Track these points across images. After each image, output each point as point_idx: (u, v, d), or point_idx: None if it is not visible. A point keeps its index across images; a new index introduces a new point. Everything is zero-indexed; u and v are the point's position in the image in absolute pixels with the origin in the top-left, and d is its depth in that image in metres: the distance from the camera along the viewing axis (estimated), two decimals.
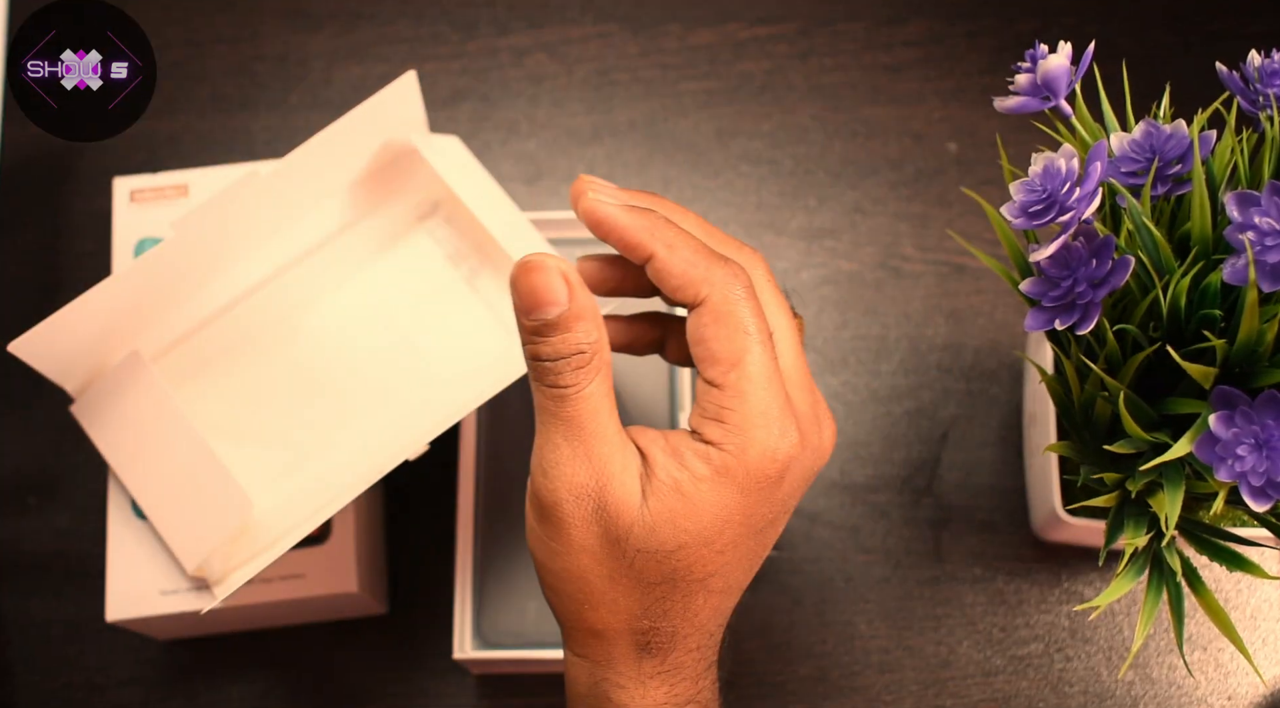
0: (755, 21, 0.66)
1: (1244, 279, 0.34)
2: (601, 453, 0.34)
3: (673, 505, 0.34)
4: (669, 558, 0.35)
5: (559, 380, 0.34)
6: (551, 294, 0.34)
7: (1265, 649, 0.55)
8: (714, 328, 0.35)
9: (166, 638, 0.54)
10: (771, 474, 0.35)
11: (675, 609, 0.36)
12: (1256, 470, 0.33)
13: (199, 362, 0.49)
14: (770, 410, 0.35)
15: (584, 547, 0.35)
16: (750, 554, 0.37)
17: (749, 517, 0.35)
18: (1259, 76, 0.38)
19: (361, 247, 0.50)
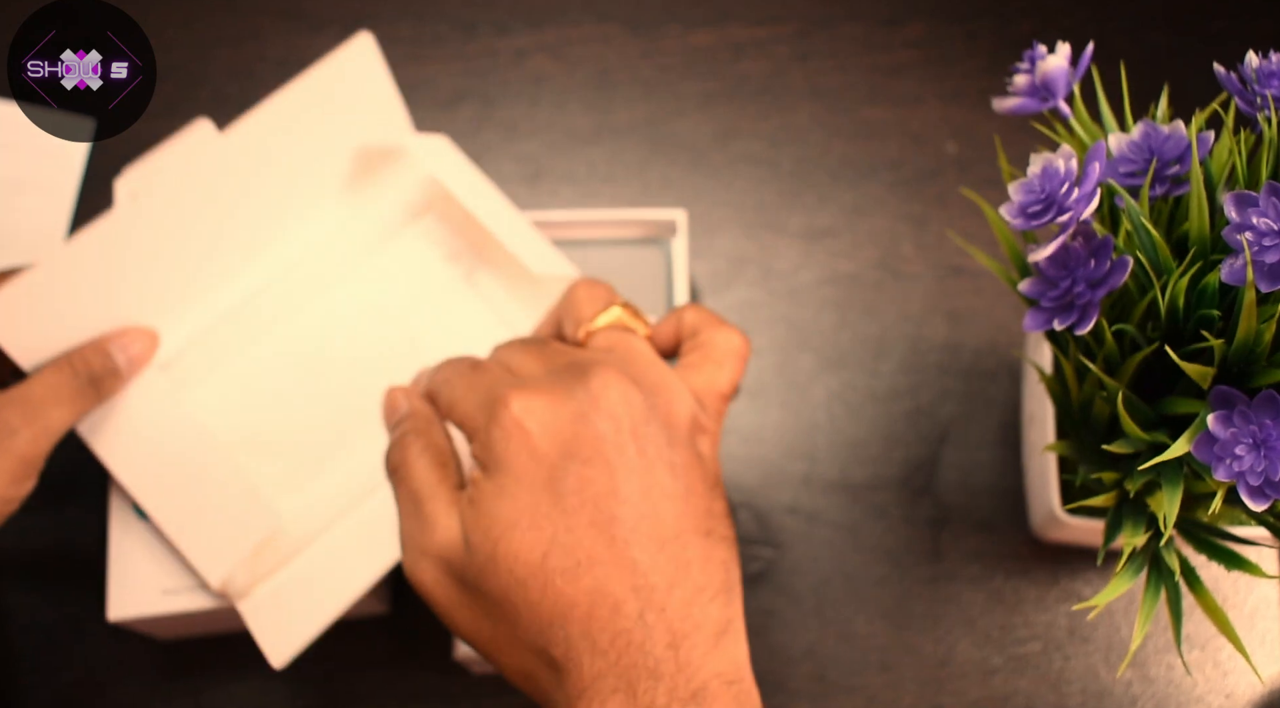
0: (755, 22, 0.66)
1: (1242, 279, 0.34)
2: (431, 515, 0.37)
3: (471, 519, 0.36)
4: (495, 565, 0.35)
5: (392, 462, 0.39)
6: (393, 407, 0.41)
7: (1263, 648, 0.55)
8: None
9: (168, 638, 0.54)
10: (497, 445, 0.36)
11: (548, 615, 0.34)
12: (1254, 470, 0.33)
13: (201, 367, 0.48)
14: (472, 397, 0.38)
15: (453, 601, 0.36)
16: (576, 522, 0.35)
17: (544, 486, 0.35)
18: (1256, 77, 0.38)
19: (355, 247, 0.50)
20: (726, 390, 0.39)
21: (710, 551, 0.35)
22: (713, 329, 0.40)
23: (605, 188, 0.63)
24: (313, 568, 0.47)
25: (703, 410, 0.38)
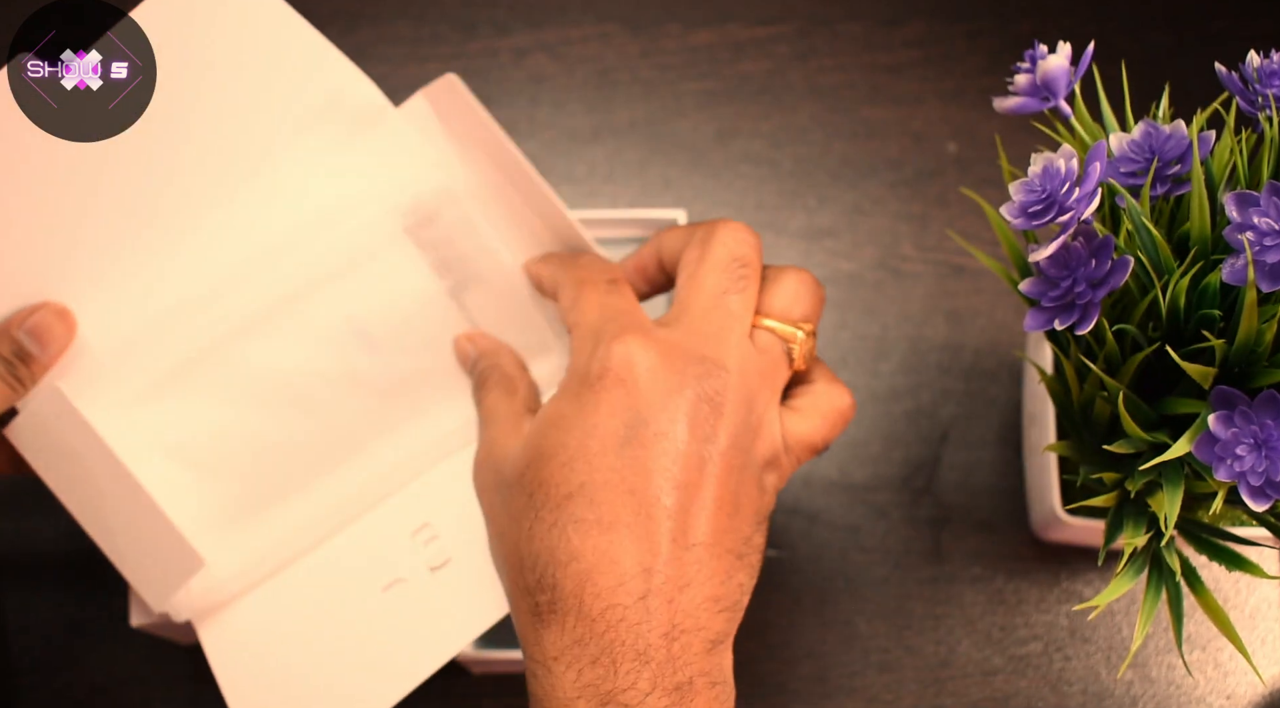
0: (755, 22, 0.66)
1: (1243, 279, 0.34)
2: (497, 430, 0.40)
3: (530, 432, 0.37)
4: (525, 479, 0.36)
5: (474, 396, 0.43)
6: (465, 355, 0.43)
7: (1264, 649, 0.55)
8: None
9: (189, 642, 0.54)
10: (595, 373, 0.36)
11: (545, 548, 0.34)
12: (1255, 470, 0.33)
13: (151, 377, 0.43)
14: (581, 323, 0.39)
15: (497, 510, 0.38)
16: (615, 472, 0.34)
17: (585, 425, 0.35)
18: (1258, 77, 0.38)
19: (326, 249, 0.44)
20: (819, 446, 0.40)
21: (735, 571, 0.35)
22: (829, 383, 0.40)
23: (605, 188, 0.63)
24: (321, 679, 0.43)
25: (786, 452, 0.39)
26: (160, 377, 0.43)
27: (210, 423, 0.43)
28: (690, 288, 0.38)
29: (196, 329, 0.43)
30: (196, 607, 0.44)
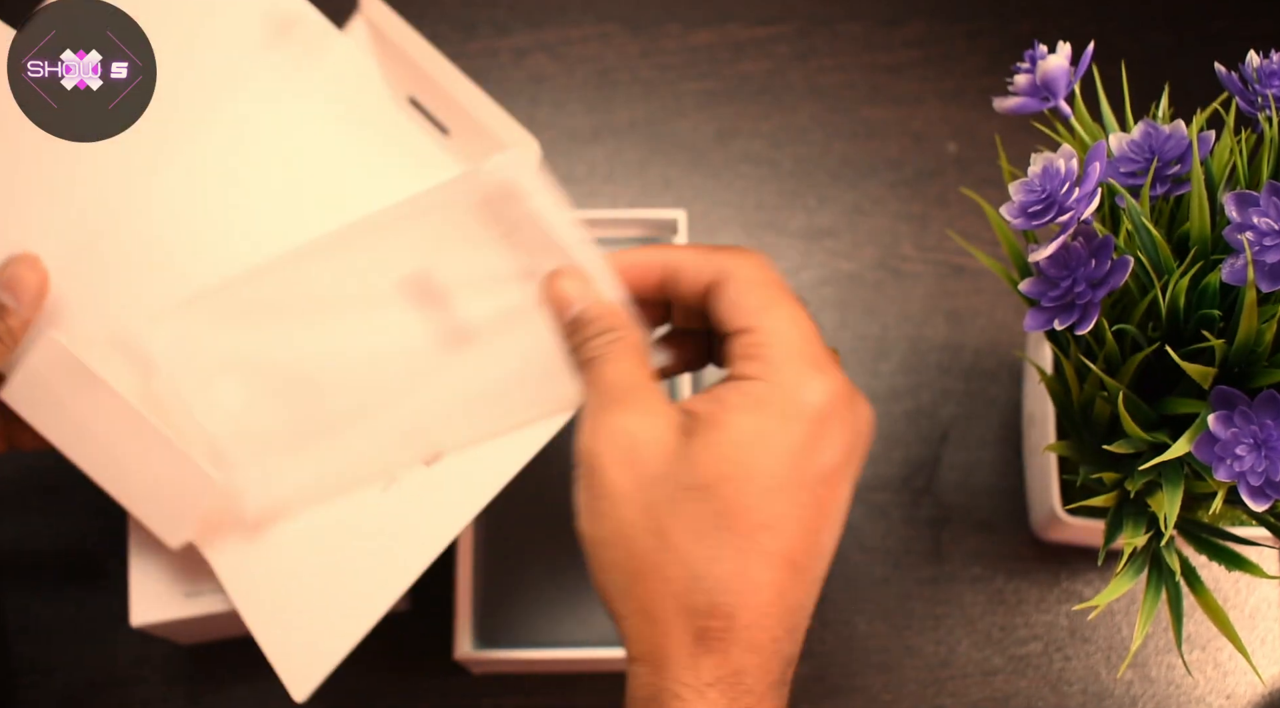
0: (755, 22, 0.66)
1: (1243, 279, 0.34)
2: (635, 405, 0.36)
3: (713, 437, 0.34)
4: (711, 494, 0.33)
5: (591, 352, 0.38)
6: (569, 295, 0.39)
7: (1264, 649, 0.55)
8: (740, 288, 0.37)
9: (189, 642, 0.54)
10: (818, 408, 0.35)
11: (730, 576, 0.33)
12: (1255, 470, 0.33)
13: (212, 301, 0.43)
14: (805, 348, 0.36)
15: (624, 495, 0.35)
16: (806, 510, 0.34)
17: (800, 456, 0.34)
18: (1257, 77, 0.38)
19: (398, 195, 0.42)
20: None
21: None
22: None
23: (605, 188, 0.63)
24: (330, 578, 0.43)
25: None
26: (219, 298, 0.43)
27: (261, 349, 0.43)
28: (794, 327, 0.36)
29: (252, 256, 0.43)
30: (209, 528, 0.43)
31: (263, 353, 0.42)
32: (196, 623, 0.49)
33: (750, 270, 0.37)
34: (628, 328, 0.38)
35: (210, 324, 0.42)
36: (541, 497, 0.52)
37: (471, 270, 0.41)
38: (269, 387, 0.43)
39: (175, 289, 0.42)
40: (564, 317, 0.39)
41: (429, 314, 0.42)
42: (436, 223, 0.41)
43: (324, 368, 0.42)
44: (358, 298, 0.42)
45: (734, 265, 0.37)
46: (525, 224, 0.40)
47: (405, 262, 0.41)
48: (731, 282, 0.37)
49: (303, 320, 0.42)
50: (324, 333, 0.42)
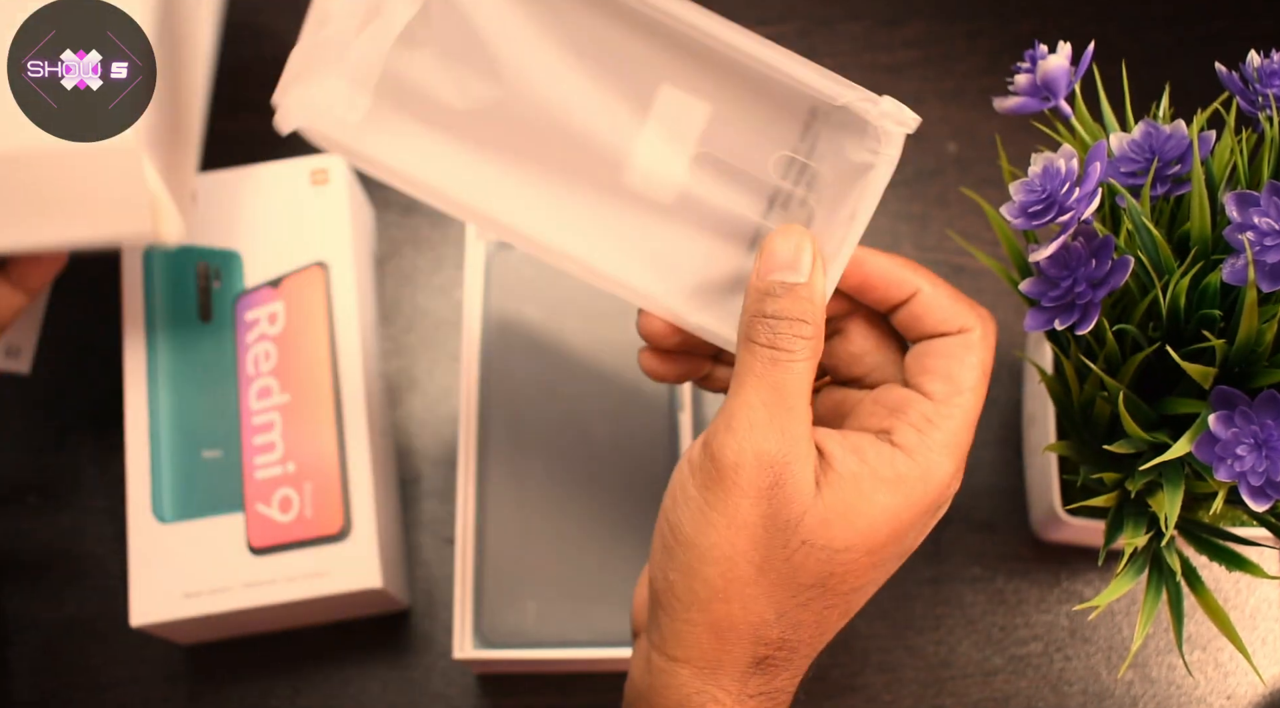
0: (755, 21, 0.66)
1: (1243, 279, 0.34)
2: (795, 430, 0.34)
3: (851, 502, 0.33)
4: (831, 558, 0.33)
5: (778, 341, 0.34)
6: (797, 261, 0.35)
7: (1264, 649, 0.55)
8: (962, 353, 0.36)
9: (189, 643, 0.54)
10: (940, 500, 0.35)
11: (809, 621, 0.34)
12: (1256, 470, 0.33)
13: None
14: (963, 444, 0.36)
15: (746, 523, 0.33)
16: (885, 577, 0.36)
17: (905, 535, 0.35)
18: (1258, 77, 0.38)
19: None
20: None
21: None
22: None
23: None
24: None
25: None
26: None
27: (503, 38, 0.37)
28: (966, 417, 0.36)
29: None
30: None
31: (491, 18, 0.37)
32: (196, 623, 0.50)
33: (982, 343, 0.37)
34: (821, 333, 0.35)
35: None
36: (543, 496, 0.52)
37: (735, 144, 0.37)
38: (467, 49, 0.37)
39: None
40: (773, 273, 0.35)
41: (658, 133, 0.37)
42: (765, 85, 0.37)
43: (526, 85, 0.37)
44: (617, 65, 0.37)
45: (978, 329, 0.37)
46: (842, 168, 0.36)
47: (694, 81, 0.37)
48: (961, 344, 0.37)
49: (554, 30, 0.37)
50: (559, 60, 0.37)
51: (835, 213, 0.36)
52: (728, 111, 0.37)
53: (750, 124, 0.37)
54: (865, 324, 0.39)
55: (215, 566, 0.49)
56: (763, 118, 0.37)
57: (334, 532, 0.50)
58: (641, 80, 0.37)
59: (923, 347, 0.37)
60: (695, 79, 0.37)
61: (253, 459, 0.51)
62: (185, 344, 0.53)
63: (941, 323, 0.37)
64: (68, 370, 0.59)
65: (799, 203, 0.37)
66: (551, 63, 0.37)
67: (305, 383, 0.52)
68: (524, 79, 0.37)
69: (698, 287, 0.38)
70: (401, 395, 0.59)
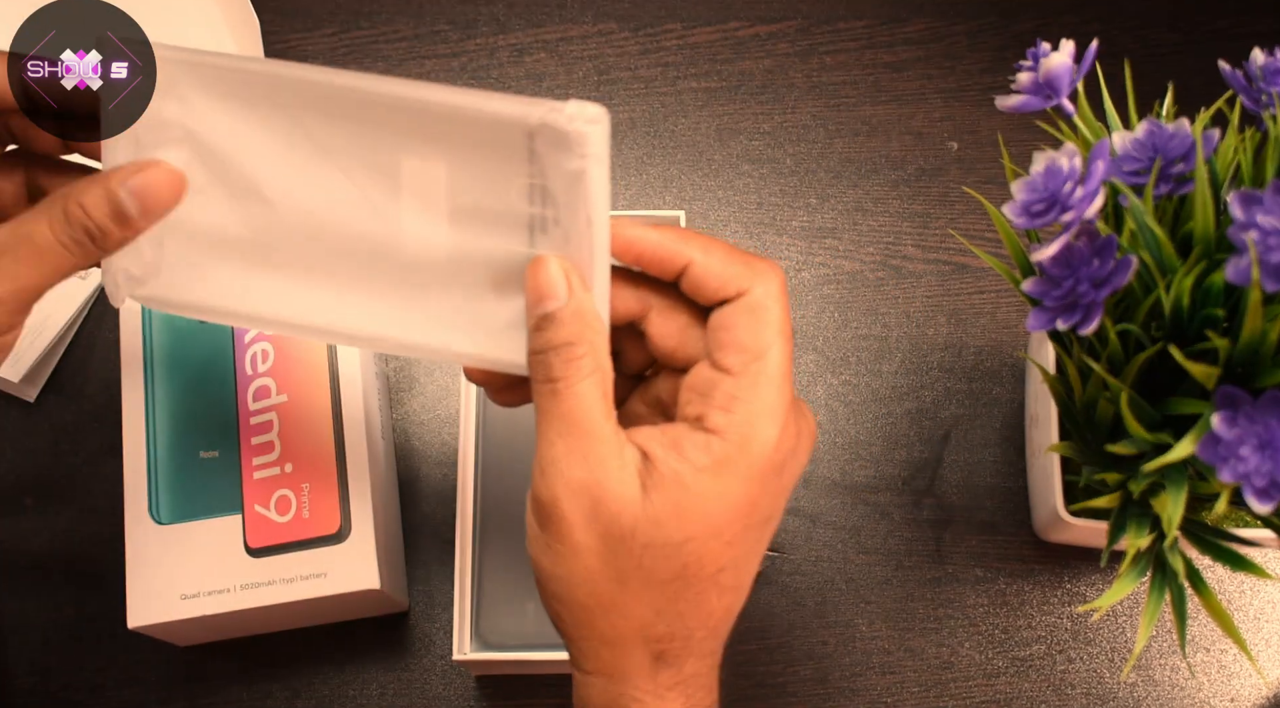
0: (756, 20, 0.66)
1: (1247, 279, 0.33)
2: (597, 451, 0.35)
3: (677, 498, 0.34)
4: (678, 551, 0.34)
5: (550, 373, 0.35)
6: (552, 289, 0.36)
7: (1268, 651, 0.55)
8: (745, 318, 0.36)
9: (187, 644, 0.54)
10: (773, 465, 0.35)
11: (689, 611, 0.35)
12: (1260, 471, 0.33)
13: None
14: (778, 406, 0.35)
15: (587, 547, 0.35)
16: (756, 547, 0.37)
17: (754, 508, 0.35)
18: (1262, 75, 0.38)
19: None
20: None
21: None
22: None
23: None
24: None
25: None
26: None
27: (245, 144, 0.40)
28: (773, 381, 0.36)
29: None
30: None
31: (244, 149, 0.39)
32: (194, 625, 0.49)
33: (766, 300, 0.36)
34: (596, 346, 0.35)
35: (215, 88, 0.39)
36: None
37: (479, 190, 0.39)
38: (232, 183, 0.39)
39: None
40: (537, 308, 0.36)
41: (414, 205, 0.39)
42: (478, 128, 0.38)
43: (290, 198, 0.39)
44: (359, 154, 0.39)
45: (755, 289, 0.36)
46: (564, 180, 0.37)
47: (424, 147, 0.39)
48: (743, 308, 0.36)
49: (297, 140, 0.39)
50: (311, 167, 0.39)
51: (580, 223, 0.37)
52: (462, 163, 0.39)
53: (484, 167, 0.38)
54: (666, 317, 0.38)
55: (213, 567, 0.49)
56: (491, 158, 0.38)
57: (332, 533, 0.49)
58: (384, 163, 0.39)
59: (714, 319, 0.37)
60: (424, 145, 0.39)
61: (251, 460, 0.50)
62: (183, 344, 0.52)
63: (719, 289, 0.36)
64: (65, 371, 0.59)
65: (554, 223, 0.38)
66: (306, 172, 0.39)
67: (303, 383, 0.52)
68: (289, 195, 0.40)
69: (492, 328, 0.39)
70: (401, 395, 0.59)
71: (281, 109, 0.39)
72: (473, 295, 0.40)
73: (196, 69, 0.39)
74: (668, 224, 0.38)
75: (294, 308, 0.41)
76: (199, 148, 0.40)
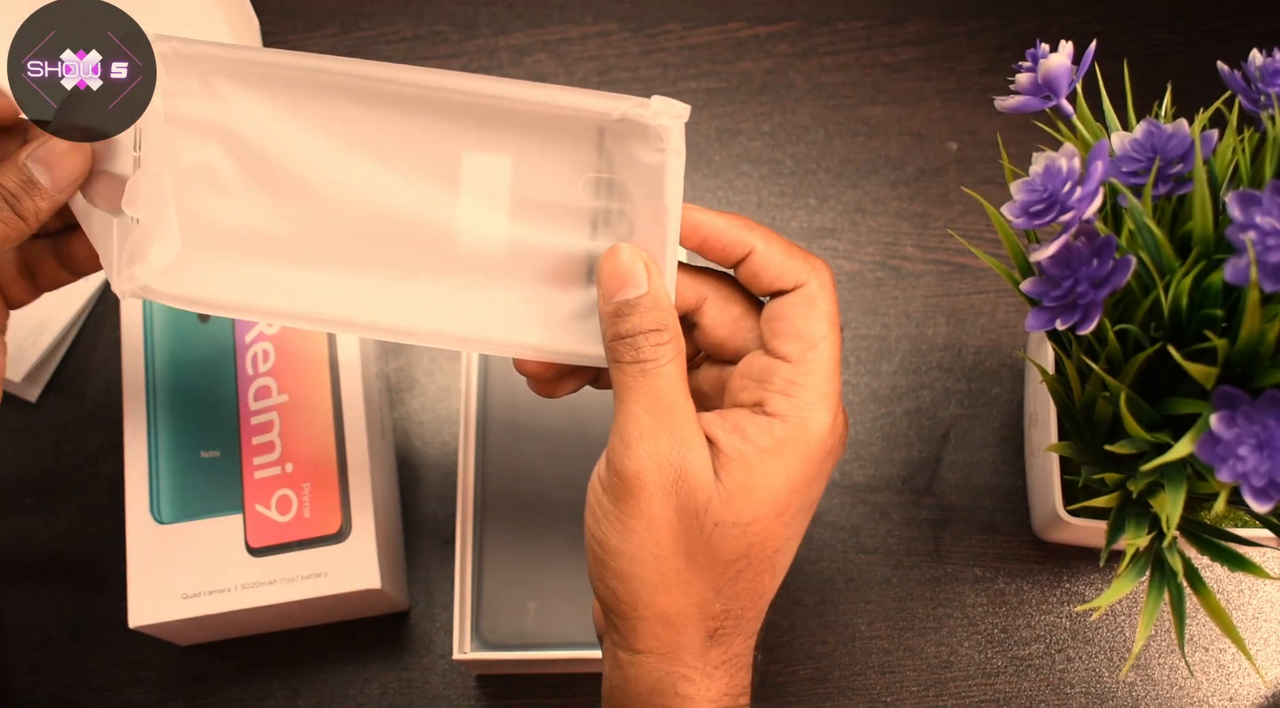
0: (756, 20, 0.66)
1: (1246, 279, 0.34)
2: (682, 427, 0.37)
3: (742, 477, 0.36)
4: (744, 531, 0.36)
5: (640, 354, 0.37)
6: (633, 277, 0.38)
7: (1267, 650, 0.55)
8: (802, 308, 0.38)
9: (188, 644, 0.54)
10: (826, 449, 0.37)
11: (745, 590, 0.37)
12: (1258, 471, 0.33)
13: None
14: (832, 393, 0.38)
15: (662, 521, 0.36)
16: (802, 531, 0.39)
17: (808, 490, 0.38)
18: (1260, 75, 0.38)
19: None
20: None
21: None
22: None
23: None
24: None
25: None
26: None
27: (288, 137, 0.40)
28: (828, 368, 0.38)
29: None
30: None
31: (284, 144, 0.39)
32: (194, 624, 0.49)
33: (822, 292, 0.38)
34: (678, 331, 0.38)
35: (250, 83, 0.39)
36: (542, 497, 0.52)
37: (543, 184, 0.39)
38: (272, 179, 0.40)
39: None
40: (616, 294, 0.37)
41: (473, 200, 0.39)
42: (548, 123, 0.38)
43: (336, 192, 0.39)
44: (411, 148, 0.39)
45: (812, 281, 0.38)
46: (639, 172, 0.38)
47: (488, 141, 0.39)
48: (800, 299, 0.38)
49: (339, 133, 0.39)
50: (356, 160, 0.39)
51: (651, 214, 0.39)
52: (527, 157, 0.39)
53: (550, 161, 0.39)
54: (720, 309, 0.40)
55: (214, 566, 0.49)
56: (558, 152, 0.39)
57: (333, 532, 0.49)
58: (441, 156, 0.39)
59: (770, 309, 0.39)
60: (486, 139, 0.39)
61: (251, 460, 0.51)
62: (184, 344, 0.52)
63: (777, 279, 0.38)
64: (66, 372, 0.59)
65: (618, 215, 0.39)
66: (350, 166, 0.39)
67: (304, 383, 0.52)
68: (334, 189, 0.40)
69: (553, 319, 0.40)
70: (401, 395, 0.59)
71: (323, 103, 0.39)
72: (533, 288, 0.40)
73: (229, 64, 0.39)
74: (737, 214, 0.39)
75: (341, 304, 0.41)
76: (234, 145, 0.39)
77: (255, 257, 0.41)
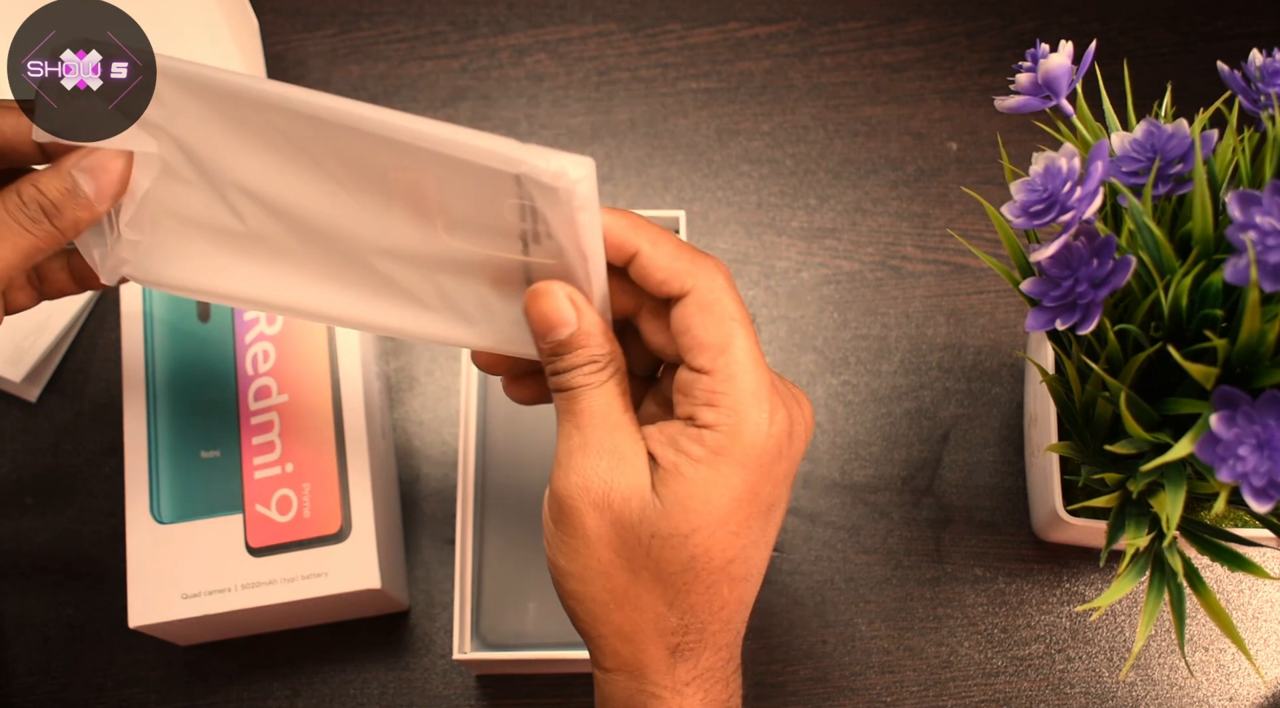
0: (756, 20, 0.66)
1: (1245, 279, 0.34)
2: (611, 443, 0.36)
3: (677, 489, 0.36)
4: (685, 543, 0.36)
5: (570, 384, 0.37)
6: (561, 317, 0.37)
7: (1267, 650, 0.55)
8: (700, 316, 0.36)
9: (188, 644, 0.54)
10: (769, 451, 0.36)
11: (700, 603, 0.36)
12: (1258, 471, 0.33)
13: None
14: (759, 390, 0.36)
15: (598, 536, 0.36)
16: (763, 536, 0.37)
17: (755, 496, 0.36)
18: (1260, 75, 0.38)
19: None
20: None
21: None
22: None
23: (605, 187, 0.63)
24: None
25: None
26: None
27: (238, 149, 0.40)
28: (747, 368, 0.36)
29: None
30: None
31: (231, 152, 0.40)
32: (194, 624, 0.49)
33: (715, 294, 0.36)
34: (609, 352, 0.37)
35: (208, 99, 0.39)
36: (542, 497, 0.52)
37: (469, 206, 0.39)
38: (220, 184, 0.40)
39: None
40: (549, 336, 0.37)
41: (405, 215, 0.40)
42: (464, 164, 0.38)
43: (281, 198, 0.40)
44: (349, 162, 0.39)
45: (701, 284, 0.36)
46: (558, 223, 0.38)
47: (412, 165, 0.39)
48: (695, 307, 0.36)
49: (281, 146, 0.40)
50: (297, 170, 0.40)
51: (572, 249, 0.38)
52: (450, 181, 0.39)
53: (473, 186, 0.39)
54: (656, 313, 0.39)
55: (214, 566, 0.49)
56: (479, 180, 0.39)
57: (333, 532, 0.49)
58: (374, 173, 0.39)
59: (674, 324, 0.37)
60: (414, 162, 0.39)
61: (251, 460, 0.51)
62: (184, 344, 0.52)
63: (664, 283, 0.37)
64: (66, 372, 0.59)
65: (546, 235, 0.38)
66: (291, 175, 0.40)
67: (304, 383, 0.52)
68: (281, 199, 0.40)
69: (507, 322, 0.40)
70: (401, 395, 0.59)
71: (263, 118, 0.39)
72: (472, 290, 0.40)
73: (177, 76, 0.39)
74: (627, 212, 0.38)
75: (298, 294, 0.42)
76: (184, 148, 0.40)
77: (217, 245, 0.42)
